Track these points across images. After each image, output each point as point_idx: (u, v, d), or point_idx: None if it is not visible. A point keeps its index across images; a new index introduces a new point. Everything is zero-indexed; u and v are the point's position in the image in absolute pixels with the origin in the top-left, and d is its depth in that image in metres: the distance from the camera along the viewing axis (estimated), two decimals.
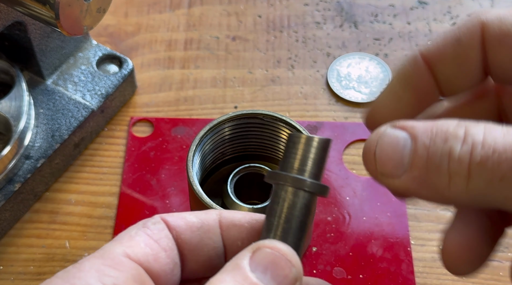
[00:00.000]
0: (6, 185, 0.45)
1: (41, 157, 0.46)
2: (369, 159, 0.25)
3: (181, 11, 0.60)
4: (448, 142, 0.23)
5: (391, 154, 0.24)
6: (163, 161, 0.50)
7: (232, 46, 0.57)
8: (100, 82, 0.51)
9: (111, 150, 0.51)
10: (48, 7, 0.37)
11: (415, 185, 0.24)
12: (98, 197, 0.48)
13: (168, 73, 0.56)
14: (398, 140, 0.24)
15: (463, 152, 0.23)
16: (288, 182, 0.26)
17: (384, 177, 0.25)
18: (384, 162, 0.25)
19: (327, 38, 0.58)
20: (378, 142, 0.25)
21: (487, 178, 0.22)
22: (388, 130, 0.25)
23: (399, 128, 0.24)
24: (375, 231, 0.46)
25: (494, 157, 0.22)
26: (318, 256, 0.45)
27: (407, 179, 0.24)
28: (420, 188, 0.24)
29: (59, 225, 0.47)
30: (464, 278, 0.44)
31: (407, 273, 0.44)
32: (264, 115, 0.42)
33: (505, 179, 0.22)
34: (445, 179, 0.23)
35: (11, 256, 0.45)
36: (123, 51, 0.56)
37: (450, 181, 0.23)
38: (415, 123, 0.24)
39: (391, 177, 0.25)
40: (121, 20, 0.59)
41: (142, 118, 0.52)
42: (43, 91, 0.50)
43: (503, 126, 0.23)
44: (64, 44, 0.50)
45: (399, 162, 0.24)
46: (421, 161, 0.24)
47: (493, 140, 0.22)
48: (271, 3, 0.60)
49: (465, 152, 0.23)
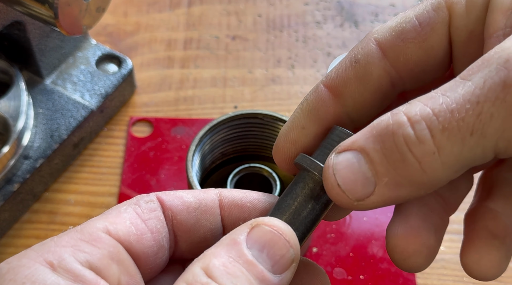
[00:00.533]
0: (5, 186, 0.45)
1: (40, 157, 0.46)
2: (338, 194, 0.24)
3: (181, 10, 0.60)
4: (396, 133, 0.22)
5: (353, 178, 0.24)
6: (162, 161, 0.49)
7: (232, 45, 0.57)
8: (100, 81, 0.51)
9: (110, 150, 0.51)
10: (47, 7, 0.37)
11: (391, 191, 0.23)
12: (97, 198, 0.48)
13: (168, 72, 0.55)
14: (350, 162, 0.24)
15: (419, 130, 0.22)
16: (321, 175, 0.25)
17: (361, 202, 0.24)
18: (352, 189, 0.24)
19: (328, 37, 0.57)
20: (335, 175, 0.24)
21: (457, 140, 0.22)
22: (334, 159, 0.24)
23: (343, 151, 0.24)
24: (375, 232, 0.46)
25: (455, 116, 0.22)
26: (318, 256, 0.45)
27: (381, 190, 0.23)
28: (397, 191, 0.23)
29: (58, 225, 0.47)
30: (465, 279, 0.44)
31: (408, 273, 0.44)
32: (264, 115, 0.42)
33: (475, 132, 0.21)
34: (416, 166, 0.22)
35: (10, 256, 0.45)
36: (123, 51, 0.56)
37: (422, 165, 0.22)
38: (353, 138, 0.24)
39: (366, 198, 0.24)
40: (120, 20, 0.59)
41: (141, 118, 0.52)
42: (42, 91, 0.50)
43: (432, 92, 0.23)
44: (63, 44, 0.50)
45: (364, 180, 0.23)
46: (382, 166, 0.23)
47: (441, 103, 0.22)
48: (271, 2, 0.60)
49: (421, 129, 0.22)
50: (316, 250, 0.45)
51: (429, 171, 0.22)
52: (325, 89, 0.27)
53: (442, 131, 0.22)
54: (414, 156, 0.22)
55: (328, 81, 0.27)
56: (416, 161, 0.22)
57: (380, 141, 0.23)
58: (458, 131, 0.22)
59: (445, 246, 0.46)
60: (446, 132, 0.22)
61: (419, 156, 0.22)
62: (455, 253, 0.45)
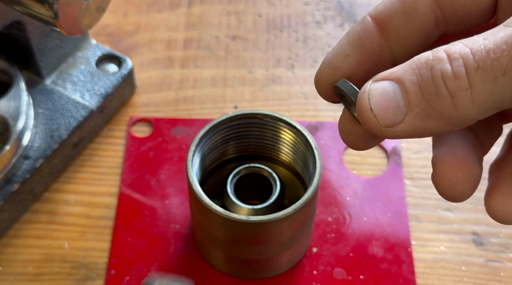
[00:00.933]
0: (5, 186, 0.45)
1: (40, 157, 0.46)
2: (369, 118, 0.25)
3: (181, 10, 0.60)
4: (435, 68, 0.24)
5: (386, 104, 0.25)
6: (162, 161, 0.49)
7: (232, 45, 0.57)
8: (99, 81, 0.51)
9: (110, 150, 0.51)
10: (47, 7, 0.37)
11: (420, 122, 0.24)
12: (97, 198, 0.48)
13: (168, 72, 0.55)
14: (386, 89, 0.25)
15: (456, 67, 0.23)
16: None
17: (389, 129, 0.25)
18: (383, 114, 0.25)
19: (328, 37, 0.57)
20: (369, 99, 0.25)
21: (490, 79, 0.23)
22: (371, 85, 0.25)
23: (381, 80, 0.25)
24: (375, 232, 0.46)
25: (490, 56, 0.23)
26: (318, 256, 0.45)
27: (411, 120, 0.24)
28: (426, 123, 0.24)
29: (58, 225, 0.47)
30: (465, 279, 0.44)
31: (408, 273, 0.44)
32: (264, 115, 0.42)
33: (508, 72, 0.23)
34: (448, 100, 0.24)
35: (9, 256, 0.45)
36: (123, 51, 0.56)
37: (454, 100, 0.23)
38: (392, 69, 0.25)
39: (395, 125, 0.25)
40: (120, 20, 0.59)
41: (141, 118, 0.52)
42: (42, 91, 0.50)
43: (474, 36, 0.24)
44: (63, 44, 0.50)
45: (396, 108, 0.25)
46: (416, 97, 0.24)
47: (479, 44, 0.23)
48: (271, 2, 0.60)
49: (458, 66, 0.23)
50: (316, 250, 0.45)
51: (459, 106, 0.24)
52: (371, 21, 0.28)
53: (476, 69, 0.23)
54: (448, 90, 0.23)
55: (375, 14, 0.28)
56: (449, 95, 0.23)
57: (418, 74, 0.24)
58: (491, 70, 0.23)
59: (445, 246, 0.46)
60: (480, 71, 0.23)
61: (452, 91, 0.23)
62: (455, 253, 0.45)
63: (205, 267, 0.45)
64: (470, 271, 0.45)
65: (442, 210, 0.47)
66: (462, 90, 0.23)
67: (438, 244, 0.46)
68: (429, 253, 0.45)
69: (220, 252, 0.42)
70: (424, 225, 0.47)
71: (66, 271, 0.44)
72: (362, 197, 0.48)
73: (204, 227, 0.41)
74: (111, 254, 0.45)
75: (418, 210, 0.47)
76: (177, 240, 0.46)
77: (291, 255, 0.43)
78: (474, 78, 0.23)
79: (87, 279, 0.44)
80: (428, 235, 0.46)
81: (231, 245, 0.40)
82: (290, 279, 0.44)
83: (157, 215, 0.47)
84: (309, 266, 0.45)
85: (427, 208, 0.47)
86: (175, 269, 0.44)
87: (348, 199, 0.48)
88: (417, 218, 0.47)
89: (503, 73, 0.23)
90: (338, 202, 0.47)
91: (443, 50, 0.24)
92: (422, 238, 0.46)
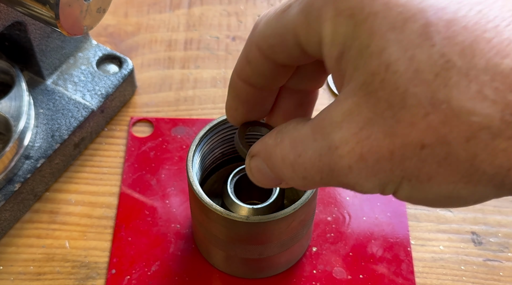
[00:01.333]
0: (6, 185, 0.45)
1: (41, 157, 0.46)
2: (257, 182, 0.32)
3: (181, 11, 0.60)
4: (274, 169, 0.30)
5: (265, 178, 0.31)
6: (163, 161, 0.50)
7: (232, 46, 0.57)
8: (100, 82, 0.51)
9: (111, 150, 0.51)
10: (48, 7, 0.37)
11: (289, 185, 0.31)
12: (98, 197, 0.48)
13: (168, 73, 0.56)
14: (259, 167, 0.31)
15: (253, 161, 0.31)
16: None
17: (276, 185, 0.32)
18: (265, 184, 0.32)
19: None
20: (253, 175, 0.31)
21: (269, 165, 0.30)
22: (250, 163, 0.31)
23: (253, 156, 0.31)
24: (375, 231, 0.46)
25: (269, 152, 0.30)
26: (318, 256, 0.45)
27: (284, 184, 0.31)
28: (293, 185, 0.30)
29: (59, 225, 0.47)
30: (464, 278, 0.44)
31: (407, 273, 0.44)
32: None
33: (307, 178, 0.27)
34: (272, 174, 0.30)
35: (11, 256, 0.45)
36: (123, 51, 0.56)
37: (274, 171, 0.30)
38: (256, 147, 0.31)
39: (279, 184, 0.32)
40: (121, 20, 0.59)
41: (142, 118, 0.52)
42: (43, 91, 0.50)
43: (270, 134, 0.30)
44: (64, 44, 0.50)
45: (271, 179, 0.31)
46: (274, 172, 0.30)
47: (267, 144, 0.30)
48: (271, 3, 0.60)
49: (255, 160, 0.31)
50: (315, 249, 0.45)
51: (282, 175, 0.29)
52: (236, 77, 0.32)
53: (263, 159, 0.30)
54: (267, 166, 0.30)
55: (235, 72, 0.32)
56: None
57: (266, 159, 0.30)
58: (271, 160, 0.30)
59: (444, 246, 0.46)
60: (266, 161, 0.30)
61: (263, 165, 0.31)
62: (454, 253, 0.46)
63: (205, 267, 0.45)
64: (469, 270, 0.45)
65: (441, 209, 0.48)
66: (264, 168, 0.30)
67: (437, 244, 0.46)
68: (428, 253, 0.46)
69: (220, 251, 0.42)
70: (423, 225, 0.47)
71: (67, 271, 0.45)
72: (361, 196, 0.48)
73: (204, 226, 0.41)
74: (112, 254, 0.45)
75: (417, 210, 0.48)
76: (178, 240, 0.46)
77: (290, 255, 0.43)
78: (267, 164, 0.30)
79: (88, 279, 0.44)
80: (427, 235, 0.46)
81: (231, 245, 0.41)
82: (289, 278, 0.44)
83: (157, 215, 0.47)
84: (308, 266, 0.45)
85: (426, 208, 0.48)
86: (175, 268, 0.44)
87: (347, 199, 0.48)
88: (416, 218, 0.47)
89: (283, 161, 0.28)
90: (338, 201, 0.48)
91: (252, 148, 0.31)
92: (421, 237, 0.46)
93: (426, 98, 0.22)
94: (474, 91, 0.22)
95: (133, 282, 0.44)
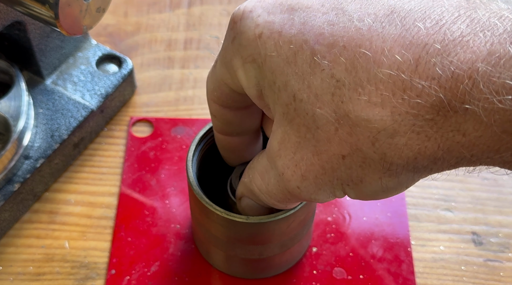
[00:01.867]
0: (6, 185, 0.45)
1: (41, 157, 0.46)
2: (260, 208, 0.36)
3: (181, 10, 0.60)
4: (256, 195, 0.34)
5: (255, 211, 0.36)
6: (162, 161, 0.50)
7: None
8: (100, 82, 0.51)
9: (110, 150, 0.51)
10: (47, 7, 0.37)
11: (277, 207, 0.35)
12: (97, 197, 0.48)
13: (168, 73, 0.55)
14: (249, 204, 0.36)
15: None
16: None
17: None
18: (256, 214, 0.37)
19: None
20: (245, 212, 0.37)
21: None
22: (241, 203, 0.36)
23: (242, 197, 0.36)
24: (375, 232, 0.46)
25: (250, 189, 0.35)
26: (318, 256, 0.45)
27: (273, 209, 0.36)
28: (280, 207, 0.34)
29: (58, 225, 0.47)
30: (465, 278, 0.44)
31: (408, 273, 0.44)
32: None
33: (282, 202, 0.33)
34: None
35: (10, 256, 0.45)
36: (123, 51, 0.56)
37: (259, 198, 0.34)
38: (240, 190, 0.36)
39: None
40: (120, 20, 0.59)
41: (141, 118, 0.52)
42: (43, 91, 0.50)
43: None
44: (63, 44, 0.50)
45: (261, 209, 0.36)
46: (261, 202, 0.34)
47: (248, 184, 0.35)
48: None
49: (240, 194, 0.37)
50: (316, 249, 0.45)
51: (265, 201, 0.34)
52: (217, 134, 0.37)
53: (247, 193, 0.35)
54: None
55: (214, 129, 0.37)
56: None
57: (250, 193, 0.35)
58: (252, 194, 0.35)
59: (444, 246, 0.46)
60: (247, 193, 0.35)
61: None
62: (455, 253, 0.45)
63: (205, 267, 0.45)
64: (469, 270, 0.45)
65: (442, 210, 0.47)
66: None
67: (437, 244, 0.46)
68: (428, 253, 0.46)
69: (220, 251, 0.42)
70: (423, 225, 0.47)
71: (67, 271, 0.44)
72: None
73: (204, 226, 0.41)
74: (112, 254, 0.45)
75: (417, 210, 0.47)
76: (177, 240, 0.46)
77: (291, 255, 0.43)
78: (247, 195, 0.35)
79: (88, 279, 0.44)
80: (427, 235, 0.46)
81: (231, 245, 0.41)
82: (290, 278, 0.44)
83: (157, 215, 0.47)
84: (309, 266, 0.45)
85: (427, 208, 0.48)
86: (175, 269, 0.44)
87: (347, 199, 0.48)
88: (417, 218, 0.47)
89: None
90: (338, 201, 0.48)
91: (237, 192, 0.37)
92: (422, 237, 0.46)
93: (331, 116, 0.26)
94: (364, 101, 0.25)
95: (133, 283, 0.44)
